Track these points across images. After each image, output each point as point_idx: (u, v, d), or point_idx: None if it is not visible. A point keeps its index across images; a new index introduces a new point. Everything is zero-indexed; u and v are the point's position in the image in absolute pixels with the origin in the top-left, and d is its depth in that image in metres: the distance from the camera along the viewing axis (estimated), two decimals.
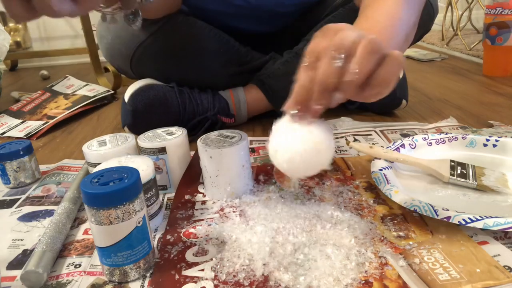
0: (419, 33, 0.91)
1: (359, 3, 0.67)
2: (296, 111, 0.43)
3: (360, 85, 0.40)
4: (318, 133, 0.43)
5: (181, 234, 0.51)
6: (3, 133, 1.01)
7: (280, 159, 0.43)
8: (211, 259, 0.46)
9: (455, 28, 1.73)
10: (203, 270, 0.44)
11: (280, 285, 0.41)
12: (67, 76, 1.30)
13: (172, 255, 0.47)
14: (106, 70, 1.40)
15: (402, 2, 0.56)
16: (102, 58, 1.21)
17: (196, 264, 0.46)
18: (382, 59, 0.40)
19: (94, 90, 1.22)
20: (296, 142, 0.42)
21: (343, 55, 0.40)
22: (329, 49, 0.41)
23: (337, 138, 0.79)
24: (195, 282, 0.43)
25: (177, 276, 0.44)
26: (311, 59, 0.42)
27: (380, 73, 0.40)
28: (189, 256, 0.47)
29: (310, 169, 0.44)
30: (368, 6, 0.58)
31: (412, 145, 0.66)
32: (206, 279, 0.43)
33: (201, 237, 0.50)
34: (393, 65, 0.40)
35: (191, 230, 0.52)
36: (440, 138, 0.67)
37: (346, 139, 0.78)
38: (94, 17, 1.22)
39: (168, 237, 0.51)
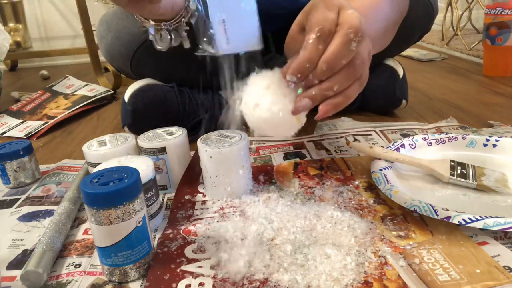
0: (419, 33, 0.91)
1: None
2: (294, 78, 0.46)
3: None
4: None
5: (181, 231, 0.51)
6: (3, 133, 1.01)
7: (257, 114, 0.47)
8: (210, 258, 0.46)
9: (455, 28, 1.73)
10: (201, 267, 0.44)
11: (279, 285, 0.41)
12: (67, 76, 1.30)
13: (171, 250, 0.48)
14: (106, 70, 1.40)
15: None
16: (102, 58, 1.21)
17: (196, 260, 0.46)
18: None
19: (94, 90, 1.23)
20: (279, 102, 0.47)
21: (357, 40, 0.44)
22: (343, 29, 0.44)
23: (337, 138, 0.79)
24: (194, 277, 0.43)
25: (176, 270, 0.44)
26: (322, 32, 0.44)
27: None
28: (189, 252, 0.47)
29: (281, 131, 0.49)
30: None
31: (412, 145, 0.66)
32: (204, 276, 0.43)
33: (201, 235, 0.50)
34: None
35: (191, 227, 0.52)
36: (440, 138, 0.67)
37: (346, 139, 0.78)
38: (94, 17, 1.23)
39: (168, 230, 0.52)
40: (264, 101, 0.47)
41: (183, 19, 0.56)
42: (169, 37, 0.57)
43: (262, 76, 0.50)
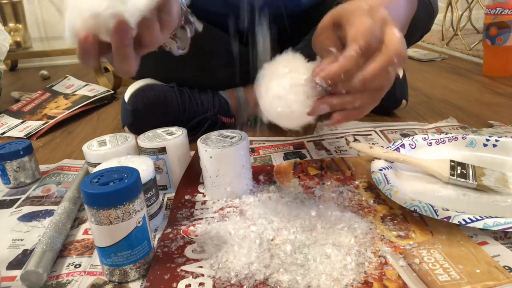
0: (419, 33, 0.91)
1: None
2: (324, 84, 0.46)
3: None
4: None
5: (181, 231, 0.51)
6: (3, 133, 1.01)
7: (275, 105, 0.47)
8: (210, 258, 0.46)
9: (455, 28, 1.73)
10: (201, 267, 0.44)
11: (279, 285, 0.41)
12: (67, 76, 1.30)
13: (171, 250, 0.48)
14: (106, 70, 1.40)
15: None
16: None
17: (196, 260, 0.46)
18: None
19: (94, 90, 1.22)
20: (301, 104, 0.47)
21: (399, 66, 0.44)
22: (389, 51, 0.44)
23: (337, 138, 0.79)
24: (194, 277, 0.43)
25: (176, 270, 0.44)
26: (367, 48, 0.44)
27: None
28: (189, 252, 0.47)
29: (290, 125, 0.50)
30: None
31: (412, 145, 0.66)
32: (204, 276, 0.43)
33: (201, 235, 0.50)
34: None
35: (191, 228, 0.52)
36: (440, 138, 0.67)
37: (346, 139, 0.78)
38: None
39: (168, 230, 0.52)
40: (286, 96, 0.47)
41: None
42: (188, 35, 0.56)
43: (284, 63, 0.49)
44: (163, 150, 0.61)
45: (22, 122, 1.06)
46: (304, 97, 0.47)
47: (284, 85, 0.47)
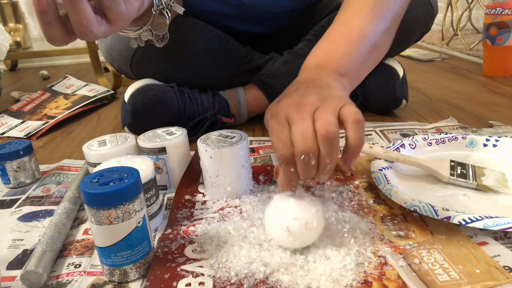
0: (418, 33, 0.91)
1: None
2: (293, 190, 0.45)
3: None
4: (315, 206, 0.45)
5: (181, 231, 0.51)
6: (3, 133, 1.01)
7: (289, 240, 0.45)
8: (210, 258, 0.46)
9: (455, 28, 1.73)
10: (201, 267, 0.45)
11: (279, 285, 0.41)
12: (67, 76, 1.30)
13: (171, 250, 0.48)
14: (106, 70, 1.40)
15: (367, 12, 0.57)
16: (102, 58, 1.21)
17: (196, 260, 0.46)
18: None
19: (94, 90, 1.22)
20: (311, 236, 0.45)
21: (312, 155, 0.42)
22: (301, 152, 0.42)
23: None
24: (194, 276, 0.43)
25: (176, 269, 0.44)
26: (281, 160, 0.43)
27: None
28: (188, 252, 0.47)
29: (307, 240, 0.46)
30: (334, 21, 0.59)
31: (412, 145, 0.66)
32: (204, 275, 0.43)
33: (201, 235, 0.50)
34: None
35: (191, 228, 0.52)
36: (440, 138, 0.67)
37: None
38: None
39: (168, 230, 0.52)
40: (301, 232, 0.44)
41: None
42: (167, 21, 0.55)
43: (287, 204, 0.46)
44: (163, 150, 0.61)
45: (22, 122, 1.06)
46: (316, 223, 0.45)
47: (299, 223, 0.44)
